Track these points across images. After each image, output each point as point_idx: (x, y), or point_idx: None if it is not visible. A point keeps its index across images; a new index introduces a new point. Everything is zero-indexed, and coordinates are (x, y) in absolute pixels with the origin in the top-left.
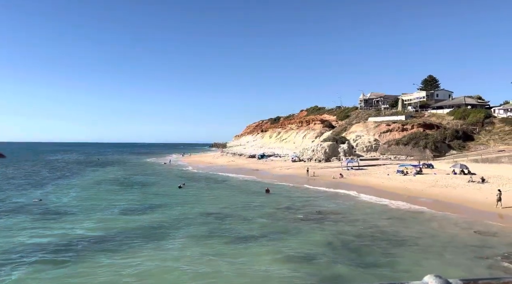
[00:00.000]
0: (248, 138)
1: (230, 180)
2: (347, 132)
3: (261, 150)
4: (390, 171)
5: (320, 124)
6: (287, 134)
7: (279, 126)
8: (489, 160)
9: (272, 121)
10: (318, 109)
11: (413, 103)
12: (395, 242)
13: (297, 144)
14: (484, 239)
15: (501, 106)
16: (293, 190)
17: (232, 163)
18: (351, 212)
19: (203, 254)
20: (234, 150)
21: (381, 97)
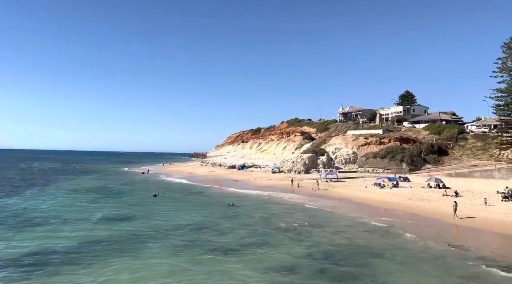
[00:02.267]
0: (229, 149)
1: (209, 190)
2: (326, 144)
3: (241, 161)
4: (368, 183)
5: (300, 136)
6: (267, 145)
7: (260, 137)
8: (463, 175)
9: (253, 132)
10: (298, 121)
11: (390, 117)
12: (372, 254)
13: (277, 155)
14: (456, 252)
15: (473, 122)
16: (271, 202)
17: (211, 173)
18: (329, 224)
19: (179, 266)
20: (214, 160)
21: (359, 110)
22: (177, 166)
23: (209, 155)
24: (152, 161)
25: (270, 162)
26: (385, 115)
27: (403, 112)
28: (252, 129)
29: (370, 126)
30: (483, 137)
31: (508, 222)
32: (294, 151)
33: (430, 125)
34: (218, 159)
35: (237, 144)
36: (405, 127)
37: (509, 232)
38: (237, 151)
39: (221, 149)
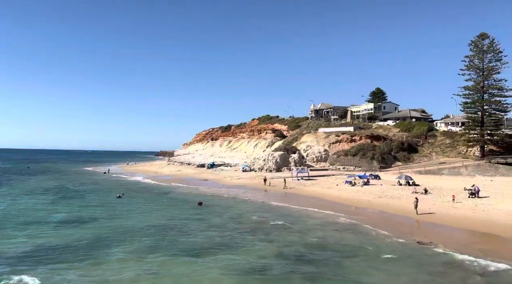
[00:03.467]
0: (198, 147)
1: (176, 190)
2: (298, 142)
3: (211, 159)
4: (339, 181)
5: (272, 134)
6: (238, 143)
7: (230, 135)
8: (432, 172)
9: (223, 129)
10: (269, 118)
11: (361, 114)
12: (343, 253)
13: (248, 153)
14: (426, 249)
15: (442, 120)
16: (242, 201)
17: (179, 173)
18: (300, 223)
19: (145, 270)
20: (182, 159)
21: (331, 108)
22: (142, 165)
23: (177, 153)
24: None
25: (241, 160)
26: (356, 112)
27: (374, 110)
28: (222, 127)
29: (342, 124)
30: (452, 135)
31: (474, 218)
32: (265, 149)
33: (400, 122)
34: (186, 158)
35: (206, 142)
36: (376, 125)
37: (475, 228)
38: (206, 149)
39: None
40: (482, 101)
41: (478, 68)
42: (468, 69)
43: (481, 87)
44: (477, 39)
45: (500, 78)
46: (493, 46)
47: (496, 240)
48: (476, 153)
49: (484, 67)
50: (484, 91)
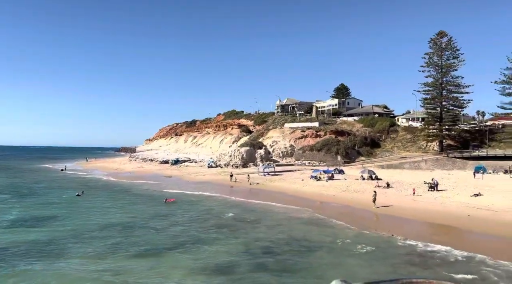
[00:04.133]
0: (161, 142)
1: (138, 188)
2: (264, 137)
3: (175, 155)
4: (305, 176)
5: (238, 129)
6: (203, 139)
7: (195, 130)
8: (393, 166)
9: (188, 124)
10: (236, 113)
11: (326, 110)
12: (309, 247)
13: (214, 149)
14: (388, 240)
15: (403, 115)
16: (207, 198)
17: (141, 169)
18: (266, 218)
19: (107, 271)
20: (144, 155)
21: (296, 103)
22: (102, 161)
23: (139, 149)
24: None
25: (206, 156)
26: (321, 108)
27: (338, 105)
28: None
29: (307, 119)
30: (412, 130)
31: (432, 211)
32: (231, 145)
33: (363, 118)
34: (149, 154)
35: (170, 137)
36: (340, 120)
37: (433, 220)
38: (170, 145)
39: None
40: (441, 97)
41: (437, 65)
42: (428, 66)
43: (439, 84)
44: (436, 37)
45: (457, 75)
46: (451, 44)
47: (453, 231)
48: (435, 147)
49: (442, 64)
50: (442, 87)
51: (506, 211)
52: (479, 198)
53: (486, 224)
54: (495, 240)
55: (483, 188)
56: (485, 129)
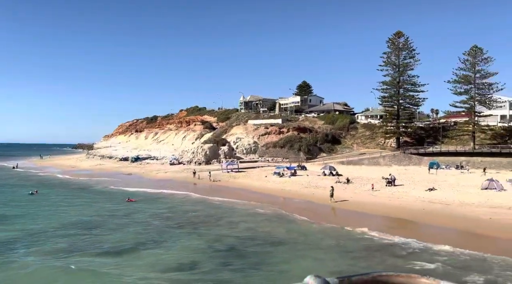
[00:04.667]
0: (121, 139)
1: (96, 186)
2: (227, 134)
3: (135, 152)
4: (268, 173)
5: (201, 125)
6: (165, 135)
7: (157, 126)
8: (353, 162)
9: (149, 120)
10: (198, 109)
11: (289, 107)
12: (273, 243)
13: (176, 145)
14: (349, 234)
15: (363, 113)
16: (169, 196)
17: (99, 166)
18: (230, 216)
19: (64, 272)
20: (103, 152)
21: (260, 100)
22: (58, 159)
23: (97, 146)
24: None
25: (168, 153)
26: (284, 105)
27: (300, 102)
28: (147, 118)
29: (270, 116)
30: (371, 127)
31: (390, 205)
32: (194, 141)
33: (325, 115)
34: (108, 151)
35: (130, 134)
36: (303, 117)
37: (390, 214)
38: (130, 141)
39: (111, 139)
40: (398, 95)
41: (394, 64)
42: (386, 65)
43: (397, 83)
44: (394, 37)
45: (413, 75)
46: (407, 44)
47: (409, 224)
48: (392, 144)
49: (400, 63)
50: (399, 86)
51: (458, 204)
52: (433, 193)
53: (439, 217)
54: (448, 232)
55: (437, 183)
56: (439, 127)
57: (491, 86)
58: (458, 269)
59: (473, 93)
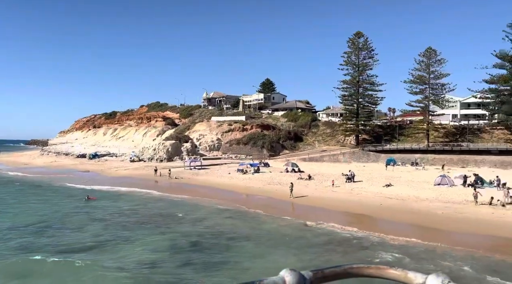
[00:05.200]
0: (77, 135)
1: (51, 183)
2: (190, 130)
3: (93, 149)
4: (231, 170)
5: (163, 122)
6: (125, 131)
7: (116, 122)
8: (315, 159)
9: (107, 116)
10: (160, 105)
11: (252, 104)
12: (236, 240)
13: (137, 142)
14: (311, 229)
15: (324, 111)
16: (130, 193)
17: (55, 163)
18: (193, 213)
19: (16, 274)
20: (58, 149)
21: (223, 97)
22: (8, 155)
23: (52, 142)
24: None
25: (128, 150)
26: (247, 102)
27: (264, 100)
28: (106, 113)
29: (234, 113)
30: (332, 125)
31: (349, 201)
32: (155, 138)
33: (287, 112)
34: (64, 147)
35: (87, 129)
36: (266, 114)
37: (350, 209)
38: (87, 137)
39: (67, 135)
40: (357, 94)
41: (354, 64)
42: (346, 64)
43: (356, 82)
44: (354, 37)
45: (372, 74)
46: (367, 44)
47: (367, 219)
48: (352, 141)
49: (359, 63)
50: (359, 85)
51: (413, 200)
52: (390, 188)
53: (396, 212)
54: (404, 226)
55: (393, 179)
56: (396, 125)
57: (444, 87)
58: (412, 259)
59: (428, 93)
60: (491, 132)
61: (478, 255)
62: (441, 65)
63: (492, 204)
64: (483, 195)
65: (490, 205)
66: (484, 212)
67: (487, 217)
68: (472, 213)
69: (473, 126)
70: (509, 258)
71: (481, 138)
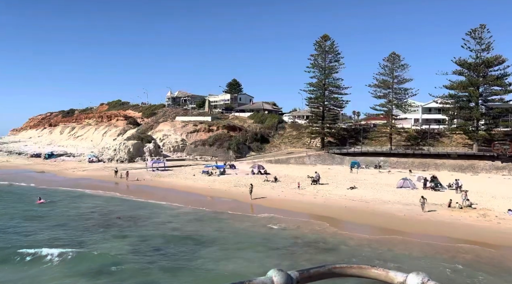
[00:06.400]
0: (32, 133)
1: (1, 184)
2: (153, 130)
3: (49, 148)
4: (196, 171)
5: (124, 121)
6: (83, 130)
7: (74, 121)
8: (281, 161)
9: (65, 114)
10: (121, 103)
11: (219, 105)
12: (201, 242)
13: (96, 142)
14: (276, 233)
15: (290, 113)
16: (89, 195)
17: (7, 163)
18: (155, 216)
19: None
20: (10, 148)
21: (188, 96)
22: None
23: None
24: None
25: (87, 150)
26: (214, 102)
27: (230, 100)
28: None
29: (200, 113)
30: (298, 127)
31: (315, 203)
32: (116, 138)
33: (254, 114)
34: (16, 146)
35: (43, 128)
36: (233, 115)
37: (315, 212)
38: (43, 136)
39: (20, 133)
40: (323, 97)
41: (321, 67)
42: (313, 67)
43: (323, 85)
44: (321, 40)
45: (338, 77)
46: (333, 48)
47: (332, 221)
48: (317, 144)
49: (326, 66)
50: (325, 88)
51: (376, 202)
52: (354, 191)
53: (360, 214)
54: (366, 227)
55: (358, 182)
56: (360, 128)
57: (407, 91)
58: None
59: (391, 97)
60: (450, 136)
61: (436, 256)
62: (404, 70)
63: (451, 206)
64: (442, 197)
65: (449, 207)
66: (443, 214)
67: (447, 220)
68: (432, 215)
69: (433, 131)
70: (463, 257)
71: (441, 142)
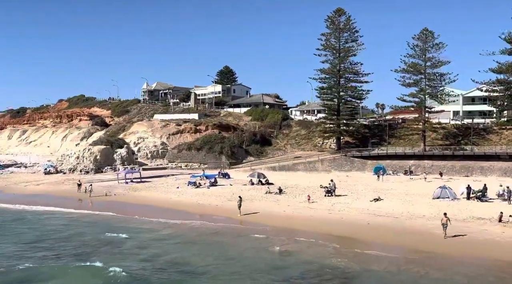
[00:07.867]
0: None
1: None
2: (126, 132)
3: None
4: (180, 183)
5: (89, 121)
6: (38, 134)
7: (25, 122)
8: (286, 168)
9: (14, 114)
10: (85, 99)
11: (208, 98)
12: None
13: (54, 148)
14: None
15: (298, 107)
16: (46, 216)
17: None
18: (130, 240)
19: None
20: None
21: (169, 88)
22: None
23: None
24: None
25: (42, 158)
26: (201, 96)
27: (222, 93)
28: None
29: (184, 109)
30: (307, 124)
31: (329, 220)
32: (79, 142)
33: (252, 109)
34: None
35: None
36: (225, 111)
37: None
38: None
39: None
40: (339, 86)
41: (334, 48)
42: (325, 49)
43: (337, 71)
44: (334, 14)
45: (356, 61)
46: (349, 24)
47: (351, 243)
48: (332, 145)
49: (340, 47)
50: (340, 75)
51: (407, 217)
52: (379, 203)
53: (386, 233)
54: (396, 249)
55: (383, 192)
56: (385, 124)
57: (443, 77)
58: None
59: (424, 85)
60: (500, 132)
61: None
62: (440, 51)
63: (502, 221)
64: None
65: (500, 222)
66: (492, 231)
67: (496, 238)
68: (479, 233)
69: (478, 126)
70: None
71: (488, 140)
